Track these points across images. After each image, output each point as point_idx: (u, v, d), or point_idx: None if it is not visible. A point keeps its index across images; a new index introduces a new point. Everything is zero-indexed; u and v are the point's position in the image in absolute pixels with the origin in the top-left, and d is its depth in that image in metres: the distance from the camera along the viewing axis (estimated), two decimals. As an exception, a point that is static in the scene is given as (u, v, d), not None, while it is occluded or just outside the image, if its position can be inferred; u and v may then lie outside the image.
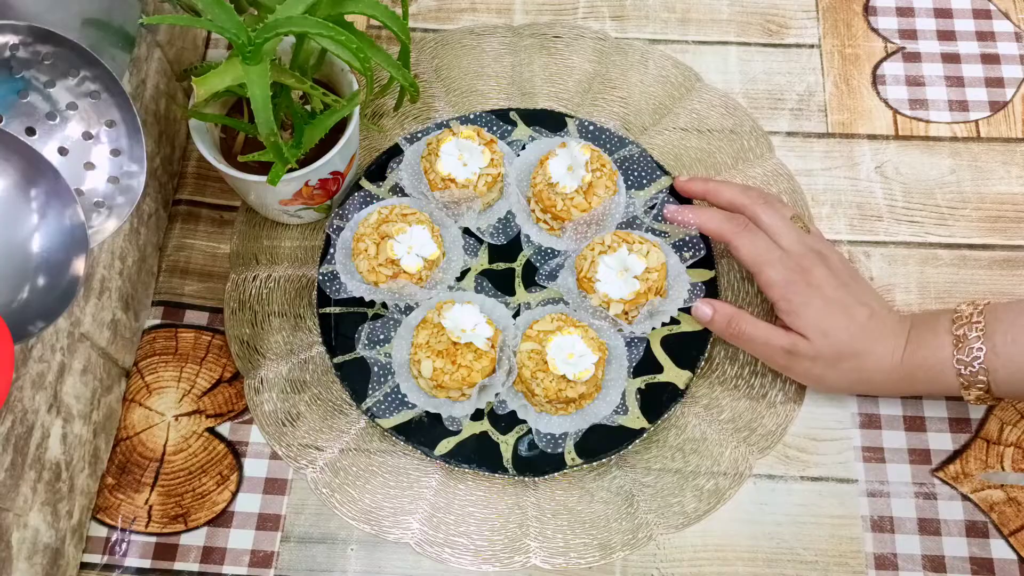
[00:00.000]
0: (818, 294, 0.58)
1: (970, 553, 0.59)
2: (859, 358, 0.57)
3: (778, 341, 0.59)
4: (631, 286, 0.61)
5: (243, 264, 0.68)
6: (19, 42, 0.45)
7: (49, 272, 0.45)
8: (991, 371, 0.54)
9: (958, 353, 0.55)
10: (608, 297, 0.61)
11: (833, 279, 0.59)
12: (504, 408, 0.62)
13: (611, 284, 0.61)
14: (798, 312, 0.58)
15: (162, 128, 0.67)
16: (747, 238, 0.61)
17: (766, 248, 0.60)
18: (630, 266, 0.61)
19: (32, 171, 0.45)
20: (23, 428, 0.51)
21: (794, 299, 0.58)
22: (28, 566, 0.52)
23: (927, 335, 0.57)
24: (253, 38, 0.52)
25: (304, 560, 0.59)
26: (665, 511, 0.60)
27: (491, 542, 0.59)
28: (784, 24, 0.77)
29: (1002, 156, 0.71)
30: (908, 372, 0.57)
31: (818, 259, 0.59)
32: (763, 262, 0.60)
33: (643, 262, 0.61)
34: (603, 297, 0.61)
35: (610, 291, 0.61)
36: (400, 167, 0.69)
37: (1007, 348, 0.54)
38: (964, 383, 0.55)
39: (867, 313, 0.58)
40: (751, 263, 0.60)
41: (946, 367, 0.56)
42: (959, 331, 0.55)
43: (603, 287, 0.61)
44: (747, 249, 0.60)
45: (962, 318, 0.56)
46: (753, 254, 0.60)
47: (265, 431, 0.62)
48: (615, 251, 0.61)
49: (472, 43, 0.76)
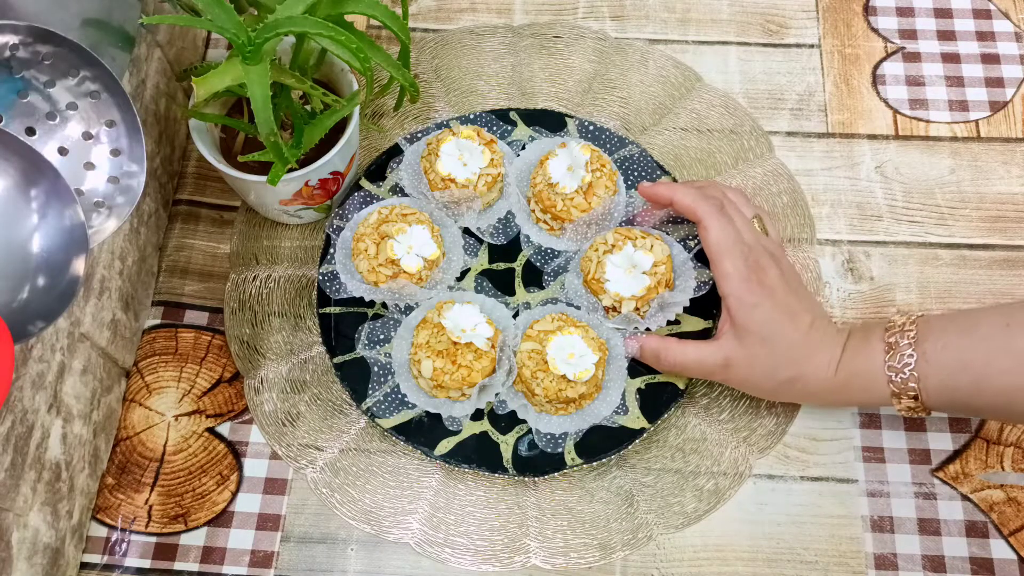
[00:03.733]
0: (769, 297, 0.57)
1: (970, 553, 0.59)
2: (797, 366, 0.56)
3: (711, 359, 0.58)
4: (641, 282, 0.60)
5: (243, 264, 0.68)
6: (19, 42, 0.45)
7: (49, 272, 0.45)
8: (921, 378, 0.53)
9: (889, 360, 0.54)
10: (620, 296, 0.61)
11: (784, 284, 0.58)
12: (504, 408, 0.62)
13: (621, 283, 0.61)
14: (747, 313, 0.57)
15: (162, 128, 0.67)
16: (718, 221, 0.59)
17: (734, 238, 0.58)
18: (637, 262, 0.60)
19: (32, 171, 0.45)
20: (23, 428, 0.51)
21: (746, 298, 0.57)
22: (28, 566, 0.52)
23: (861, 344, 0.56)
24: (253, 38, 0.52)
25: (304, 560, 0.59)
26: (665, 511, 0.60)
27: (491, 542, 0.59)
28: (784, 24, 0.77)
29: (1002, 156, 0.71)
30: (843, 382, 0.56)
31: (772, 261, 0.59)
32: (726, 251, 0.58)
33: (650, 256, 0.61)
34: (615, 297, 0.61)
35: (621, 289, 0.60)
36: (400, 167, 0.69)
37: (937, 355, 0.53)
38: (895, 391, 0.54)
39: (808, 321, 0.57)
40: (715, 249, 0.58)
41: (878, 375, 0.55)
42: (891, 339, 0.54)
43: (613, 286, 0.61)
44: (715, 234, 0.58)
45: (895, 327, 0.55)
46: (719, 240, 0.58)
47: (265, 431, 0.62)
48: (620, 249, 0.61)
49: (472, 43, 0.76)
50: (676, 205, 0.61)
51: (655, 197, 0.63)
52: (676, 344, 0.60)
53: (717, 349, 0.58)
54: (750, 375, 0.58)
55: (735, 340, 0.57)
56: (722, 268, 0.58)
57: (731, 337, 0.58)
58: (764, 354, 0.57)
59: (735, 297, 0.57)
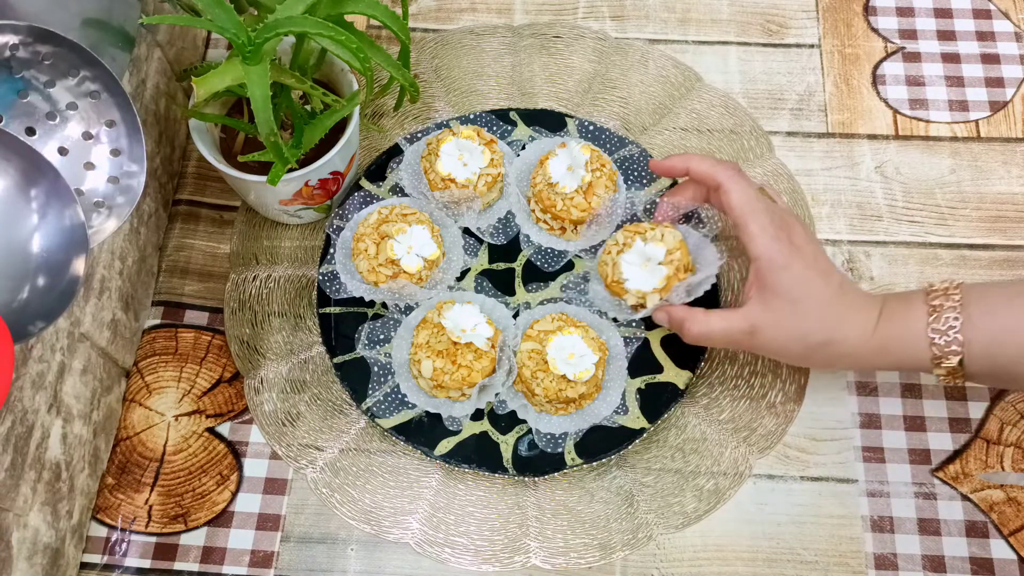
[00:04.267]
0: (800, 257, 0.55)
1: (970, 553, 0.59)
2: (830, 329, 0.54)
3: (738, 326, 0.56)
4: (658, 274, 0.59)
5: (243, 264, 0.68)
6: (19, 42, 0.45)
7: (49, 272, 0.45)
8: (966, 343, 0.52)
9: (933, 323, 0.53)
10: (641, 292, 0.59)
11: (812, 242, 0.56)
12: (504, 408, 0.62)
13: (640, 279, 0.60)
14: (777, 275, 0.54)
15: (162, 128, 0.67)
16: (739, 183, 0.57)
17: (757, 198, 0.56)
18: (650, 255, 0.59)
19: (32, 171, 0.45)
20: (23, 428, 0.51)
21: (776, 258, 0.54)
22: (28, 566, 0.52)
23: (900, 307, 0.55)
24: (253, 38, 0.52)
25: (304, 560, 0.59)
26: (665, 511, 0.60)
27: (491, 542, 0.59)
28: (784, 24, 0.77)
29: (1002, 156, 0.71)
30: (880, 345, 0.54)
31: (796, 220, 0.57)
32: (751, 211, 0.55)
33: (661, 246, 0.59)
34: (637, 294, 0.60)
35: (641, 285, 0.59)
36: (400, 167, 0.69)
37: (983, 320, 0.52)
38: (936, 354, 0.53)
39: (838, 281, 0.55)
40: (740, 211, 0.56)
41: (919, 339, 0.53)
42: (935, 302, 0.53)
43: (633, 284, 0.60)
44: (738, 195, 0.56)
45: (937, 291, 0.54)
46: (743, 200, 0.56)
47: (265, 431, 0.62)
48: (631, 246, 0.60)
49: (472, 43, 0.76)
50: (693, 172, 0.59)
51: (669, 170, 0.61)
52: (701, 313, 0.57)
53: (743, 316, 0.56)
54: (779, 340, 0.55)
55: (761, 305, 0.55)
56: (749, 230, 0.55)
57: (757, 302, 0.55)
58: (794, 317, 0.54)
59: (765, 259, 0.55)
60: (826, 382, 0.64)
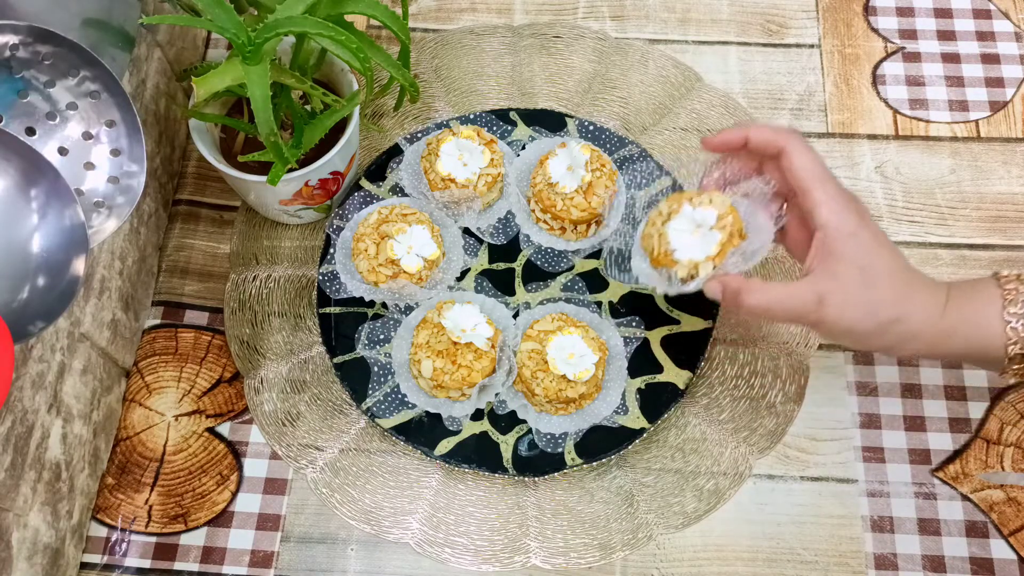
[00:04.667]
0: (867, 225, 0.52)
1: (970, 553, 0.59)
2: (900, 304, 0.51)
3: (802, 297, 0.51)
4: (712, 239, 0.54)
5: (243, 264, 0.68)
6: (19, 42, 0.45)
7: (49, 272, 0.45)
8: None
9: (1010, 307, 0.50)
10: (693, 261, 0.54)
11: (873, 220, 0.53)
12: (504, 408, 0.62)
13: (691, 247, 0.54)
14: (844, 241, 0.51)
15: (162, 128, 0.67)
16: (806, 147, 0.53)
17: (822, 163, 0.53)
18: (701, 220, 0.54)
19: (32, 171, 0.45)
20: (23, 428, 0.51)
21: (844, 226, 0.51)
22: (28, 566, 0.52)
23: (970, 291, 0.52)
24: (253, 38, 0.52)
25: (304, 560, 0.59)
26: (665, 511, 0.60)
27: (491, 542, 0.59)
28: (784, 24, 0.77)
29: (1002, 156, 0.71)
30: (950, 327, 0.51)
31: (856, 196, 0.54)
32: (817, 177, 0.52)
33: (712, 210, 0.54)
34: (689, 265, 0.54)
35: (693, 254, 0.54)
36: (400, 167, 0.69)
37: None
38: (1013, 338, 0.50)
39: (905, 258, 0.53)
40: (805, 176, 0.52)
41: (992, 323, 0.51)
42: (1009, 286, 0.51)
43: (684, 253, 0.54)
44: (804, 159, 0.52)
45: (1009, 277, 0.52)
46: (809, 165, 0.52)
47: (265, 431, 0.62)
48: (679, 212, 0.55)
49: (472, 43, 0.76)
50: (753, 140, 0.55)
51: (725, 143, 0.56)
52: (759, 283, 0.52)
53: (810, 286, 0.51)
54: (848, 314, 0.51)
55: (828, 274, 0.51)
56: (815, 196, 0.52)
57: (823, 272, 0.51)
58: (864, 286, 0.51)
59: (833, 226, 0.51)
60: (826, 382, 0.64)
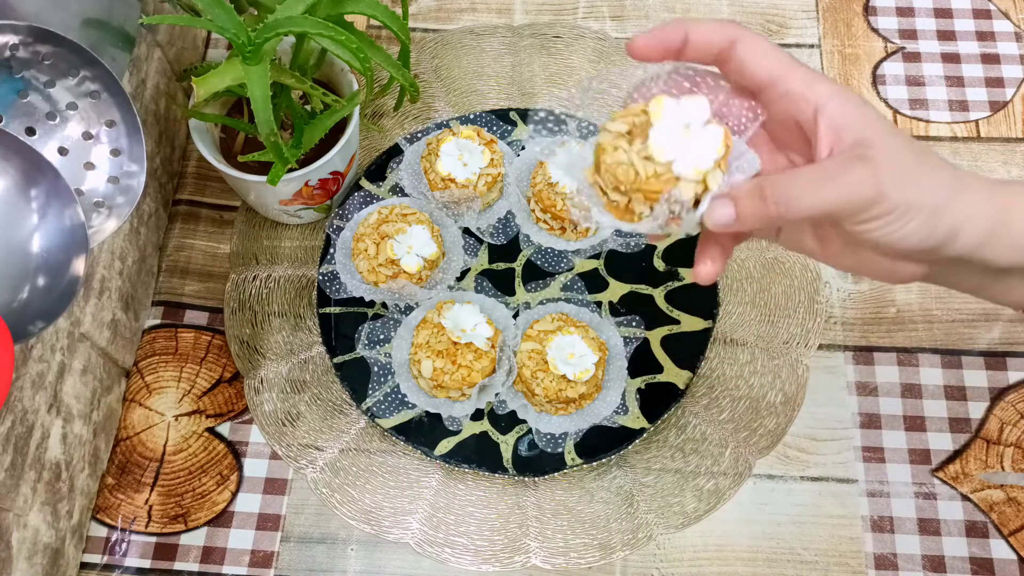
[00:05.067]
0: (884, 122, 0.38)
1: (970, 553, 0.59)
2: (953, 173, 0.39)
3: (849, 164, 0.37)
4: (715, 135, 0.38)
5: (243, 264, 0.68)
6: (19, 42, 0.45)
7: (49, 272, 0.45)
8: None
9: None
10: (701, 170, 0.38)
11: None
12: (504, 408, 0.62)
13: (689, 153, 0.38)
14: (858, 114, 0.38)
15: (162, 128, 0.67)
16: (758, 34, 0.40)
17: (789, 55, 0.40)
18: (690, 117, 0.38)
19: (32, 171, 0.45)
20: (23, 428, 0.51)
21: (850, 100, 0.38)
22: (28, 566, 0.52)
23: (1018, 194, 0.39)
24: (253, 38, 0.52)
25: (304, 560, 0.59)
26: (665, 511, 0.60)
27: (491, 542, 0.59)
28: (784, 24, 0.77)
29: (1002, 156, 0.71)
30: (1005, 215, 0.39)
31: None
32: (789, 61, 0.39)
33: (702, 98, 0.39)
34: (697, 174, 0.38)
35: (697, 162, 0.37)
36: (400, 167, 0.69)
37: None
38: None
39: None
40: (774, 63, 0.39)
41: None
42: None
43: (684, 165, 0.37)
44: (764, 43, 0.40)
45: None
46: (774, 51, 0.39)
47: (265, 431, 0.62)
48: (658, 116, 0.39)
49: (472, 43, 0.76)
50: (695, 38, 0.42)
51: (662, 45, 0.43)
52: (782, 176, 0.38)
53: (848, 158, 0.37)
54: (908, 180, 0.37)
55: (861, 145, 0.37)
56: (797, 77, 0.39)
57: (855, 146, 0.37)
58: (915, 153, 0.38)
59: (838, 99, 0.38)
60: (826, 382, 0.64)
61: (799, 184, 0.37)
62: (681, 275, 0.66)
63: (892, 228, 0.38)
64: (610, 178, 0.39)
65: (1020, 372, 0.64)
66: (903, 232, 0.38)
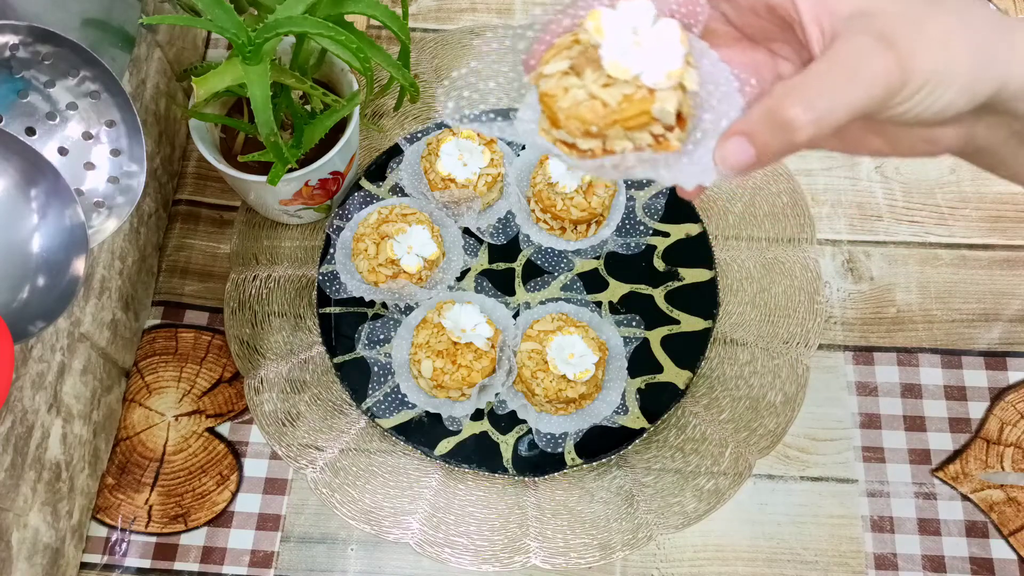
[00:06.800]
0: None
1: (970, 553, 0.59)
2: (999, 23, 0.34)
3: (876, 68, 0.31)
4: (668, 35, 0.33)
5: (243, 264, 0.68)
6: (19, 42, 0.45)
7: (49, 272, 0.45)
8: None
9: None
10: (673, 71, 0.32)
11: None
12: (504, 408, 0.62)
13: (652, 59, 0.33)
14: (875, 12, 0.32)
15: (162, 128, 0.67)
16: None
17: None
18: (638, 22, 0.33)
19: (32, 171, 0.45)
20: (23, 428, 0.51)
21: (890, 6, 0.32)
22: (28, 566, 0.52)
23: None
24: (253, 38, 0.52)
25: (304, 560, 0.59)
26: (665, 511, 0.60)
27: (491, 542, 0.59)
28: (784, 24, 0.77)
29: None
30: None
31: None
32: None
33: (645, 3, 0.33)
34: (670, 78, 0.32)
35: (665, 64, 0.32)
36: (400, 167, 0.69)
37: None
38: None
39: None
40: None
41: None
42: None
43: (654, 73, 0.32)
44: None
45: None
46: None
47: (265, 431, 0.62)
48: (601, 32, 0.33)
49: (472, 43, 0.76)
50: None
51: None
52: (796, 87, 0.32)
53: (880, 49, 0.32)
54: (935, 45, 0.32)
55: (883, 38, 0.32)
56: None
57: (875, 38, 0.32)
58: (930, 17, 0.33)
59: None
60: (826, 382, 0.64)
61: (817, 95, 0.31)
62: (681, 275, 0.66)
63: (928, 103, 0.33)
64: (575, 124, 0.34)
65: (1020, 372, 0.64)
66: (941, 104, 0.33)
